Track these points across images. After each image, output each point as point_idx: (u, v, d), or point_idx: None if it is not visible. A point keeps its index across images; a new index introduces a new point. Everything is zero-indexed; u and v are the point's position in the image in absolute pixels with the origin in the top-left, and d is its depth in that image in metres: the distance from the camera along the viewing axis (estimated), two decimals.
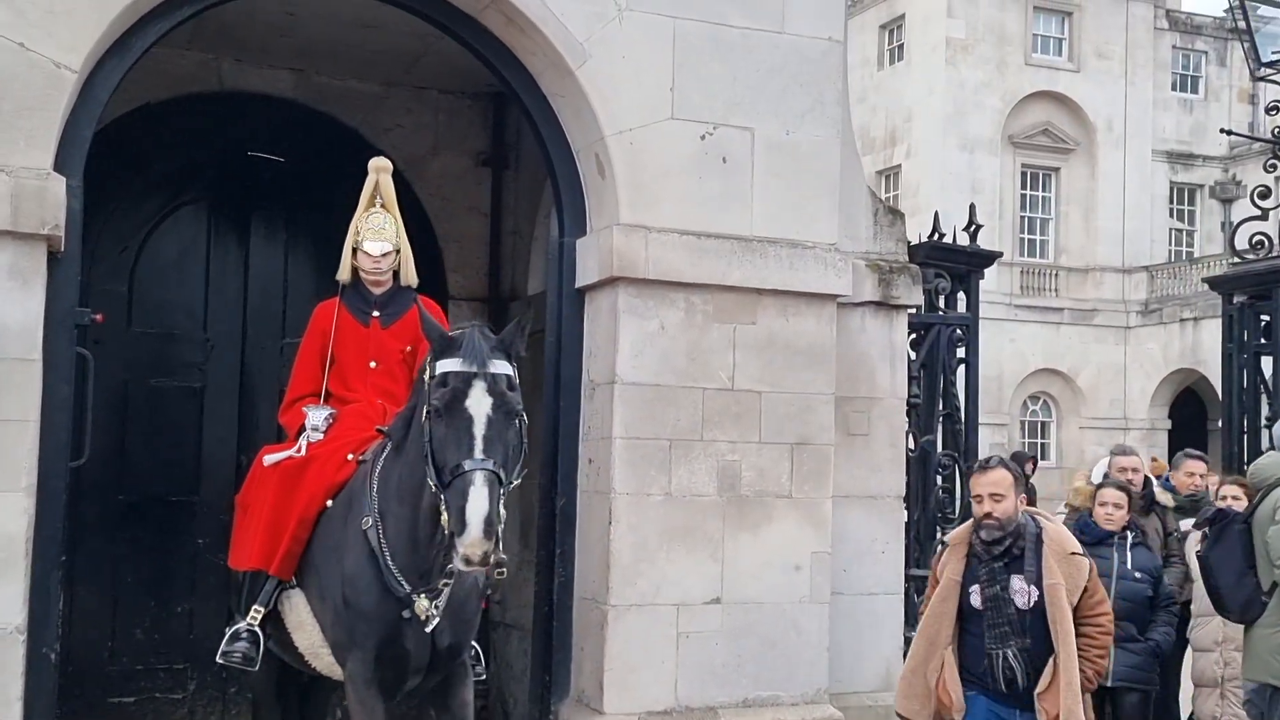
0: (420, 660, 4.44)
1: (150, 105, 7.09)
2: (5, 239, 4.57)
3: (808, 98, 5.90)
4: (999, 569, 4.55)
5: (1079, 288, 31.27)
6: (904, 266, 6.31)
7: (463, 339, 3.95)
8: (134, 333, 7.14)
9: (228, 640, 4.77)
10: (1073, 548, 4.63)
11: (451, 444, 3.82)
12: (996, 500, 4.56)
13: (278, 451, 4.99)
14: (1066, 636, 4.46)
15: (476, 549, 3.66)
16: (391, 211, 5.32)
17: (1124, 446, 7.27)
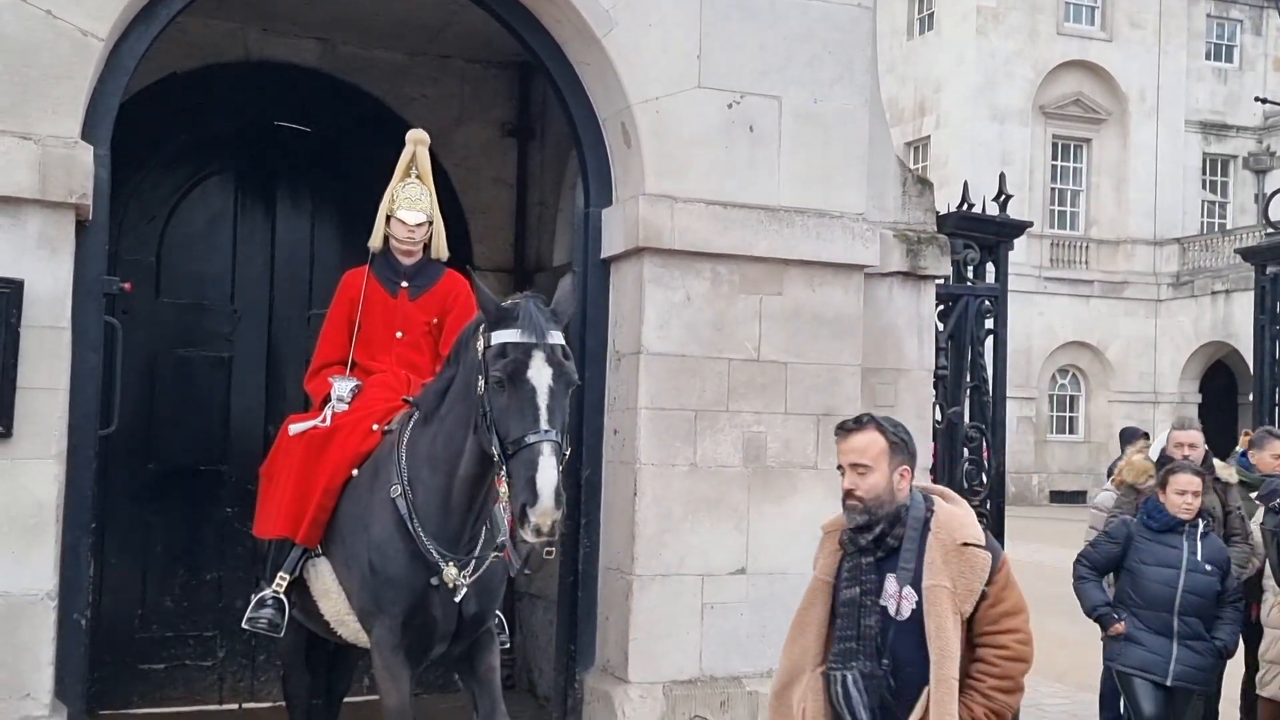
0: (447, 628, 4.47)
1: (177, 75, 7.10)
2: (34, 207, 4.59)
3: (836, 66, 5.84)
4: (866, 565, 3.43)
5: (1109, 260, 31.03)
6: (932, 237, 6.26)
7: (519, 310, 3.94)
8: (162, 303, 7.17)
9: (253, 607, 4.82)
10: (966, 537, 3.38)
11: (514, 415, 3.81)
12: (860, 473, 3.43)
13: (302, 421, 5.02)
14: (944, 659, 3.31)
15: (547, 518, 3.67)
16: (427, 184, 5.33)
17: (1186, 419, 6.81)
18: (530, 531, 3.70)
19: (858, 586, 3.43)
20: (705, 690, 5.49)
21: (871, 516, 3.42)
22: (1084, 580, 5.92)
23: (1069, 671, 9.64)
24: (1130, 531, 5.80)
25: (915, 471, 3.54)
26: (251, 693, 7.22)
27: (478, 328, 4.16)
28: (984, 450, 6.53)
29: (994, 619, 3.37)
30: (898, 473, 3.45)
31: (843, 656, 3.41)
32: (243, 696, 7.21)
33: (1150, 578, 5.68)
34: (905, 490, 3.46)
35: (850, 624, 3.43)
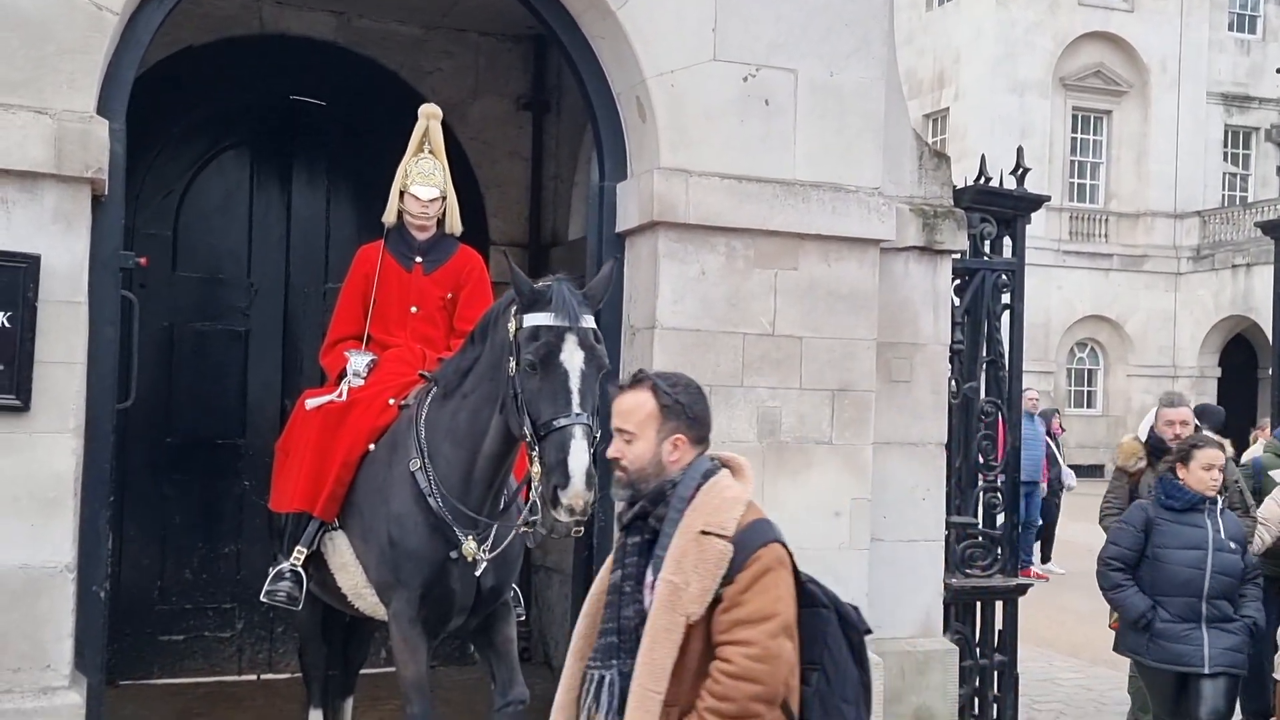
0: (465, 600, 4.51)
1: (193, 48, 7.11)
2: (49, 182, 4.60)
3: (853, 38, 5.80)
4: (633, 547, 2.99)
5: (1129, 233, 30.83)
6: (949, 211, 6.22)
7: (552, 292, 3.94)
8: (179, 277, 7.20)
9: (271, 580, 4.87)
10: (707, 525, 2.86)
11: (547, 398, 3.83)
12: (627, 440, 2.99)
13: (319, 396, 5.05)
14: (645, 670, 2.80)
15: (579, 500, 3.70)
16: (440, 158, 5.34)
17: (1173, 396, 6.58)
18: (563, 512, 3.73)
19: (620, 570, 2.98)
20: None
21: (634, 491, 2.98)
22: (1122, 588, 5.51)
23: (1084, 646, 9.66)
24: (1149, 516, 5.50)
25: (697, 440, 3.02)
26: (270, 664, 7.30)
27: (507, 308, 4.16)
28: (999, 425, 6.50)
29: (725, 626, 2.80)
30: (669, 442, 2.97)
31: (602, 653, 2.95)
32: (261, 668, 7.28)
33: (1176, 561, 5.38)
34: (679, 463, 2.97)
35: (612, 615, 2.96)
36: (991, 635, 6.56)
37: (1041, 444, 13.30)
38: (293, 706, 6.35)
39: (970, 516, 6.45)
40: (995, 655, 6.54)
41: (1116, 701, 7.78)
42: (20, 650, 4.55)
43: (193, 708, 6.57)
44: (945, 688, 6.17)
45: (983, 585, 6.44)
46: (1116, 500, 6.36)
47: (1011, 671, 6.55)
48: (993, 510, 6.53)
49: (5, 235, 4.53)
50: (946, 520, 6.31)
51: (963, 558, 6.40)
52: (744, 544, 2.84)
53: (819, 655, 2.99)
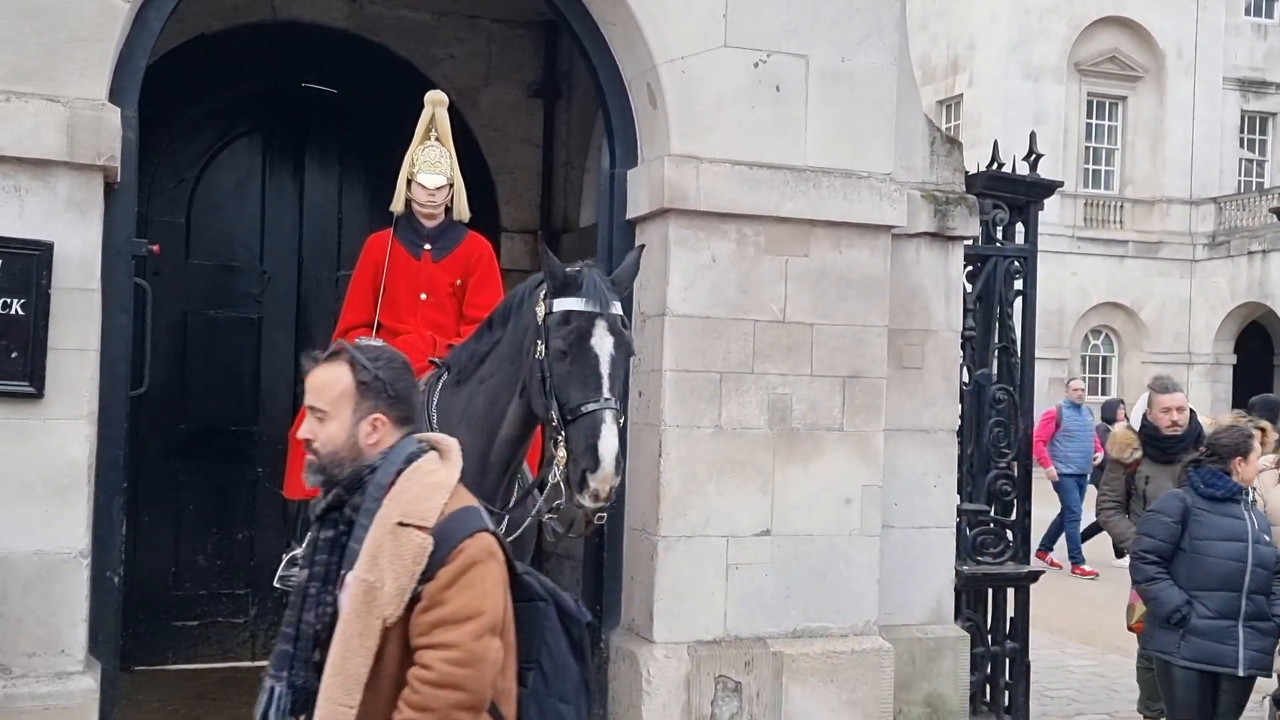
0: None
1: (205, 36, 7.12)
2: (62, 170, 4.61)
3: (864, 23, 5.78)
4: (324, 542, 2.68)
5: (1144, 219, 30.67)
6: (960, 197, 6.20)
7: (583, 278, 3.97)
8: (192, 264, 7.22)
9: (285, 565, 4.90)
10: (405, 515, 2.55)
11: (576, 382, 3.86)
12: (319, 419, 2.72)
13: None
14: (334, 678, 2.52)
15: (607, 484, 3.75)
16: (447, 145, 5.34)
17: (1164, 381, 6.29)
18: (589, 497, 3.77)
19: (308, 570, 2.66)
20: (729, 650, 5.52)
21: (327, 477, 2.69)
22: (1156, 581, 5.20)
23: (1096, 633, 9.65)
24: (1187, 505, 5.18)
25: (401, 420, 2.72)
26: None
27: (533, 292, 4.18)
28: (1012, 412, 6.49)
29: (425, 628, 2.51)
30: (367, 422, 2.67)
31: (275, 661, 2.63)
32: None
33: (1217, 554, 5.09)
34: (378, 446, 2.68)
35: (291, 619, 2.65)
36: (1003, 622, 6.56)
37: (1091, 435, 13.08)
38: None
39: (982, 503, 6.44)
40: (1007, 642, 6.53)
41: (1129, 689, 7.76)
42: (35, 635, 4.58)
43: (206, 693, 6.61)
44: (956, 675, 6.17)
45: (994, 572, 6.44)
46: (1113, 492, 6.30)
47: (1023, 658, 6.55)
48: (1005, 497, 6.51)
49: (18, 223, 4.55)
50: (958, 507, 6.31)
51: (974, 545, 6.39)
52: (446, 535, 2.54)
53: (537, 653, 2.74)
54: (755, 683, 5.52)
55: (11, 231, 4.53)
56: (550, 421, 3.93)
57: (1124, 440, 6.26)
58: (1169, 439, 6.06)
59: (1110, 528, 6.34)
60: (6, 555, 4.55)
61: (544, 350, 3.95)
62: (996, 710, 6.47)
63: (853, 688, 5.64)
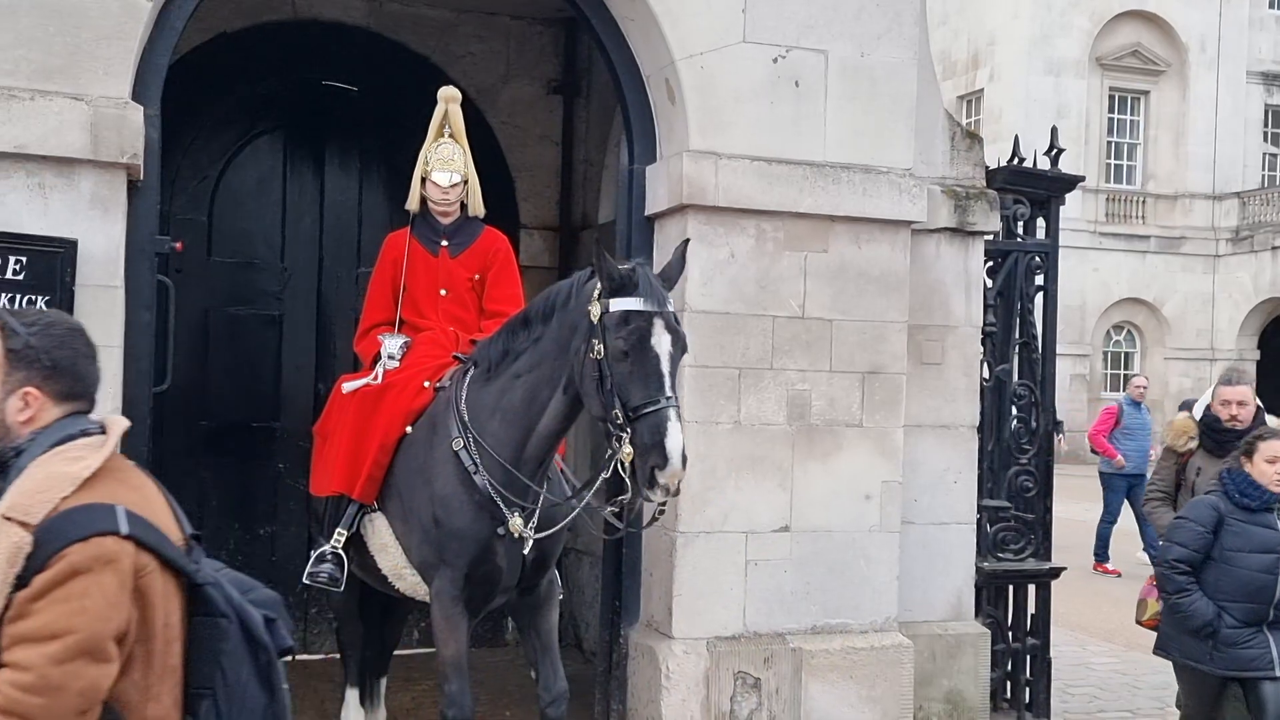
0: (511, 578, 4.56)
1: (227, 34, 7.16)
2: (86, 168, 4.65)
3: (884, 18, 5.77)
4: None
5: (1167, 215, 30.48)
6: (981, 192, 6.19)
7: (638, 277, 4.03)
8: (214, 262, 7.26)
9: (313, 562, 4.90)
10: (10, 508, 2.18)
11: (638, 382, 3.92)
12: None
13: (355, 380, 5.09)
14: None
15: (675, 479, 3.85)
16: (460, 142, 5.35)
17: (1230, 372, 5.97)
18: (659, 491, 3.86)
19: None
20: (749, 646, 5.53)
21: None
22: (1188, 593, 5.03)
23: (1118, 630, 9.59)
24: (1221, 514, 5.02)
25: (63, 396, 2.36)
26: (304, 645, 7.36)
27: (580, 289, 4.21)
28: (1032, 408, 6.46)
29: (7, 643, 2.13)
30: (17, 397, 2.32)
31: None
32: (295, 649, 7.34)
33: (1248, 566, 4.96)
34: (32, 423, 2.33)
35: None
36: (1024, 619, 6.54)
37: (1149, 434, 12.77)
38: (327, 686, 6.42)
39: (1003, 499, 6.42)
40: (1028, 639, 6.51)
41: (1151, 686, 7.73)
42: None
43: None
44: (977, 671, 6.16)
45: (1015, 569, 6.43)
46: (1162, 482, 5.94)
47: (1044, 655, 6.53)
48: (1026, 493, 6.49)
49: (43, 220, 4.60)
50: (979, 503, 6.29)
51: (995, 541, 6.38)
52: (50, 536, 2.14)
53: (211, 677, 2.37)
54: (774, 679, 5.53)
55: (36, 229, 4.57)
56: (613, 420, 3.97)
57: (1181, 428, 5.87)
58: (1228, 432, 5.65)
59: (1154, 519, 5.96)
60: None
61: (602, 350, 3.99)
62: (1017, 707, 6.46)
63: (872, 684, 5.64)
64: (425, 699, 6.49)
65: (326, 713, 6.00)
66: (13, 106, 4.55)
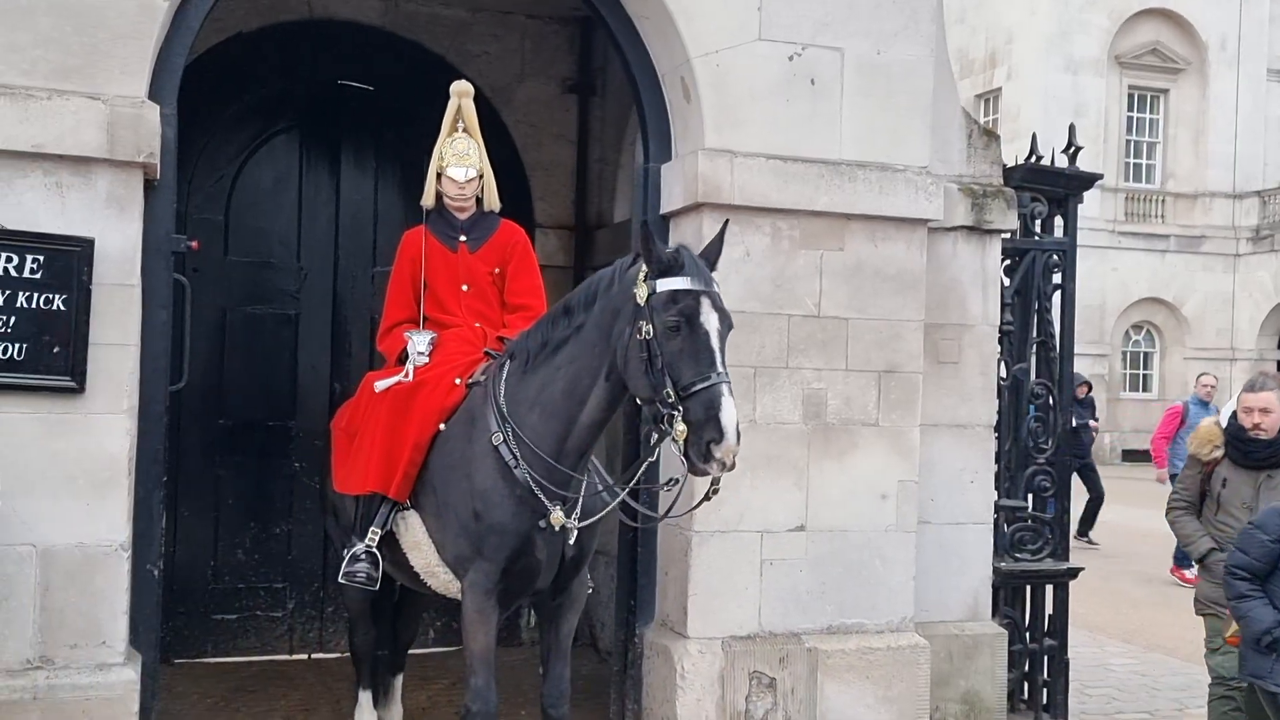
0: (549, 572, 4.54)
1: (243, 34, 7.17)
2: (102, 167, 4.67)
3: (900, 15, 5.74)
4: None
5: (1186, 214, 30.31)
6: (998, 190, 6.15)
7: (684, 259, 4.08)
8: (230, 261, 7.28)
9: (348, 562, 4.85)
10: None
11: (689, 359, 3.95)
12: None
13: (386, 378, 5.04)
14: None
15: (731, 453, 3.87)
16: (474, 136, 5.33)
17: (1254, 378, 5.66)
18: (715, 466, 3.88)
19: None
20: (764, 646, 5.51)
21: None
22: (1248, 598, 4.88)
23: (1138, 631, 9.57)
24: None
25: None
26: (320, 643, 7.39)
27: (623, 275, 4.23)
28: (1050, 407, 6.43)
29: None
30: None
31: None
32: (311, 647, 7.37)
33: None
34: None
35: None
36: (1042, 620, 6.50)
37: None
38: (343, 685, 6.43)
39: (1020, 499, 6.39)
40: (1045, 640, 6.48)
41: (1170, 688, 7.70)
42: (77, 627, 4.64)
43: (244, 686, 6.67)
44: (994, 672, 6.13)
45: (1032, 569, 6.39)
46: (1186, 492, 5.64)
47: (1062, 656, 6.50)
48: (1043, 493, 6.46)
49: (60, 219, 4.62)
50: (996, 503, 6.26)
51: (1012, 541, 6.35)
52: None
53: None
54: (790, 679, 5.51)
55: (53, 228, 4.59)
56: (664, 400, 3.97)
57: (1206, 436, 5.60)
58: (1253, 442, 5.41)
59: (1177, 529, 5.68)
60: (49, 548, 4.62)
61: (651, 330, 4.01)
62: (1035, 708, 6.42)
63: (888, 685, 5.62)
64: (440, 698, 6.50)
65: (342, 712, 6.01)
66: (30, 106, 4.57)
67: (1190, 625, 9.79)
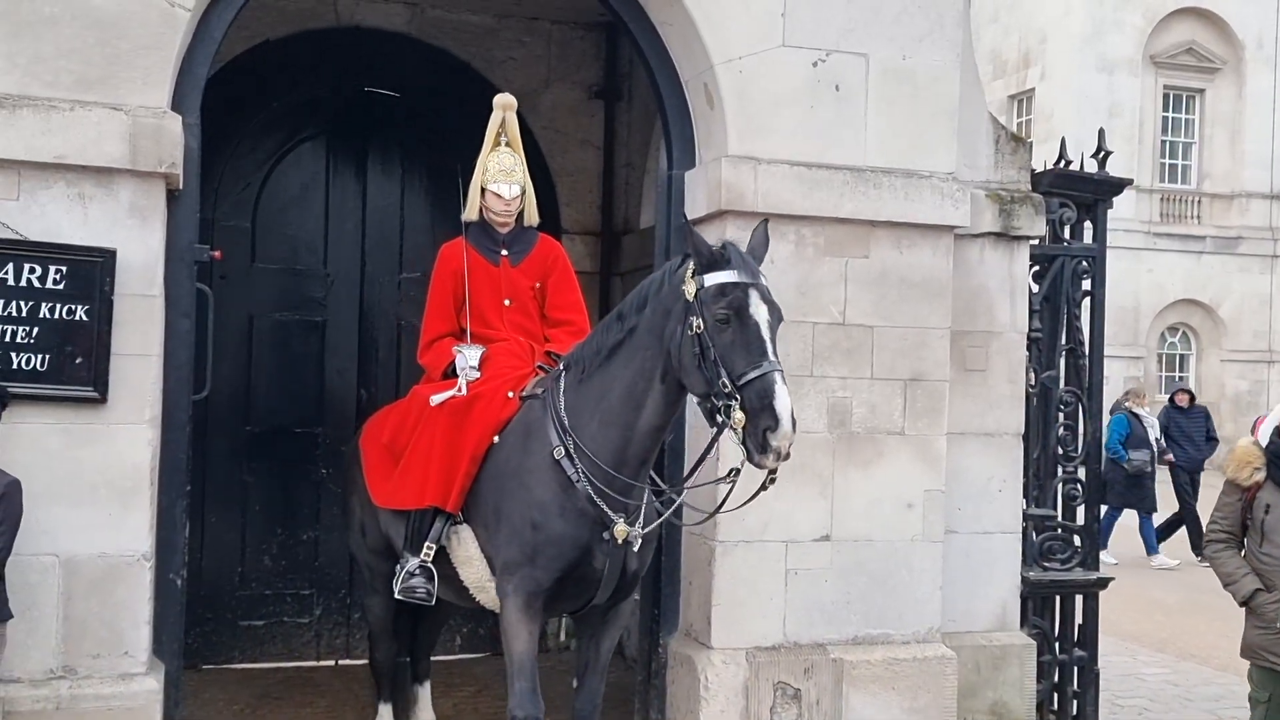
0: (610, 584, 4.50)
1: (270, 41, 7.21)
2: (124, 177, 4.68)
3: (926, 20, 5.68)
4: None
5: (1223, 214, 29.95)
6: (1026, 196, 6.08)
7: (730, 253, 4.10)
8: (257, 268, 7.30)
9: (403, 578, 4.80)
10: None
11: (740, 350, 3.96)
12: None
13: (440, 392, 4.96)
14: None
15: (787, 440, 3.86)
16: (517, 150, 5.30)
17: None
18: (770, 456, 3.88)
19: None
20: (789, 657, 5.46)
21: None
22: None
23: (1170, 640, 9.44)
24: None
25: None
26: (347, 650, 7.40)
27: (673, 274, 4.24)
28: (1079, 415, 6.35)
29: None
30: None
31: None
32: (339, 653, 7.38)
33: None
34: None
35: None
36: (1071, 630, 6.42)
37: None
38: (369, 692, 6.42)
39: (1049, 508, 6.32)
40: (1075, 650, 6.39)
41: (1204, 698, 7.59)
42: (99, 636, 4.66)
43: (271, 692, 6.68)
44: (1022, 683, 6.06)
45: (1062, 579, 6.31)
46: (1225, 521, 5.05)
47: (1092, 667, 6.41)
48: (1072, 502, 6.38)
49: (82, 230, 4.64)
50: (1024, 512, 6.19)
51: (1041, 550, 6.27)
52: None
53: None
54: (815, 690, 5.47)
55: (75, 239, 4.61)
56: (719, 391, 3.97)
57: (1244, 457, 4.97)
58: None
59: (1217, 565, 5.05)
60: (71, 557, 4.64)
61: (701, 325, 4.02)
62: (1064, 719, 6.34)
63: (915, 695, 5.56)
64: (466, 705, 6.49)
65: (366, 718, 6.01)
66: (53, 117, 4.60)
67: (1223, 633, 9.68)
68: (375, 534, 5.32)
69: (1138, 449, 13.13)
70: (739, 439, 3.93)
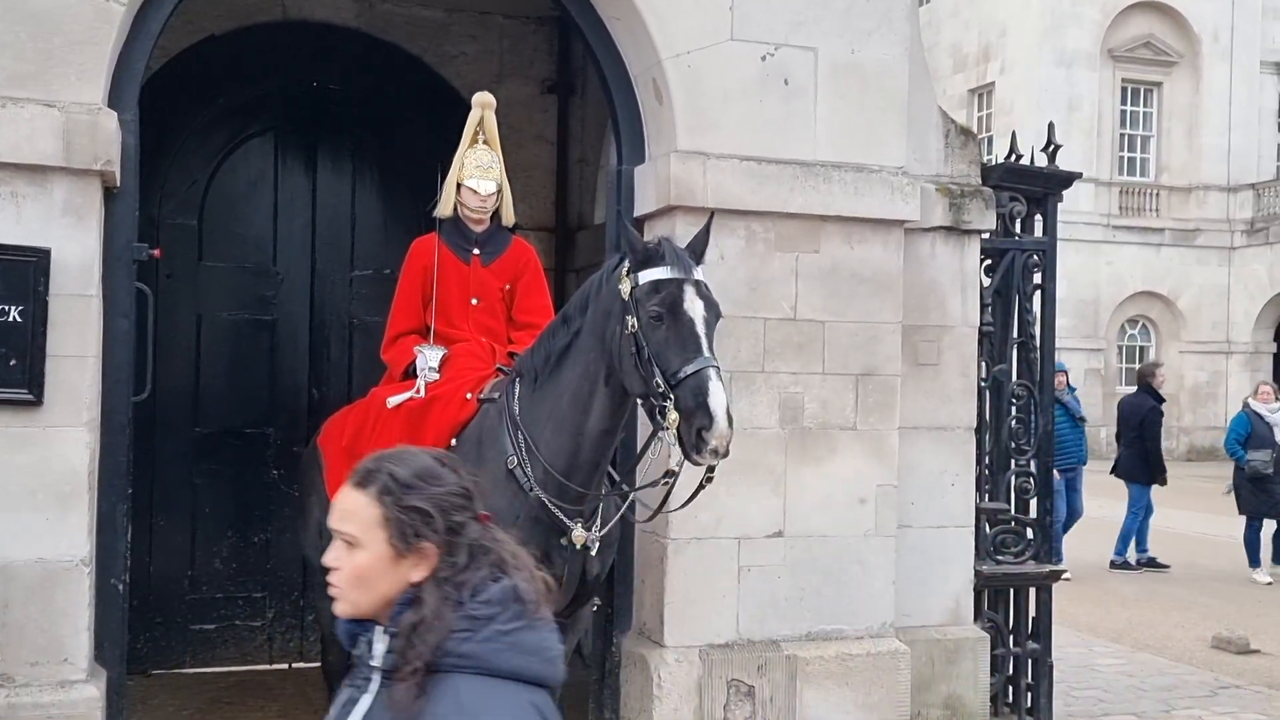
0: (569, 590, 4.43)
1: (215, 36, 7.09)
2: (59, 175, 4.58)
3: (874, 14, 5.66)
4: None
5: (1181, 207, 30.26)
6: (976, 190, 6.08)
7: (664, 249, 4.05)
8: (205, 266, 7.19)
9: None
10: None
11: (675, 347, 3.90)
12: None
13: (398, 394, 4.89)
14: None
15: (724, 440, 3.79)
16: (495, 149, 5.24)
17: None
18: (707, 454, 3.81)
19: None
20: (742, 654, 5.44)
21: None
22: None
23: (1126, 631, 9.49)
24: None
25: None
26: (300, 653, 7.31)
27: (611, 274, 4.18)
28: (1031, 408, 6.35)
29: None
30: None
31: None
32: (292, 656, 7.30)
33: None
34: None
35: None
36: (1025, 623, 6.43)
37: None
38: (322, 695, 6.33)
39: (1002, 502, 6.32)
40: (1029, 643, 6.40)
41: (1157, 688, 7.64)
42: (37, 644, 4.56)
43: (223, 697, 6.59)
44: (976, 676, 6.06)
45: (1015, 572, 6.32)
46: None
47: (1046, 659, 6.42)
48: (1025, 495, 6.39)
49: (15, 229, 4.53)
50: (977, 506, 6.19)
51: (994, 544, 6.28)
52: None
53: None
54: (768, 686, 5.44)
55: (8, 238, 4.51)
56: (655, 391, 3.91)
57: None
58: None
59: None
60: (8, 564, 4.54)
61: (636, 323, 3.97)
62: (1018, 712, 6.35)
63: (868, 691, 5.55)
64: None
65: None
66: None
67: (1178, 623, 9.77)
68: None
69: (1258, 449, 12.09)
70: (675, 439, 3.88)
